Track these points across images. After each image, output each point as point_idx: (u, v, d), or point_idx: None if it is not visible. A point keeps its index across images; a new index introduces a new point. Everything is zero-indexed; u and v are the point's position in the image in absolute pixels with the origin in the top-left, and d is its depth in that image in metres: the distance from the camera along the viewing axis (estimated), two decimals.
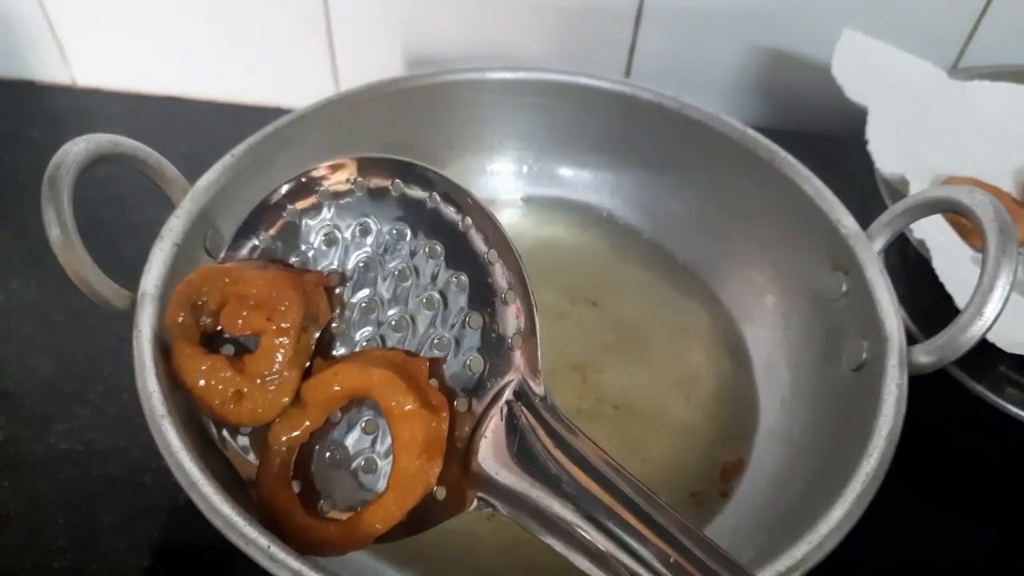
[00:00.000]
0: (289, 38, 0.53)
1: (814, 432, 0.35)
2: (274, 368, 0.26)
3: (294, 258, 0.29)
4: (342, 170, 0.28)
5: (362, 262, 0.28)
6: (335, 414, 0.27)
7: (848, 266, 0.34)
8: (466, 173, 0.45)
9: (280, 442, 0.27)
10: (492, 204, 0.45)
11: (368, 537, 0.25)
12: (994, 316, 0.28)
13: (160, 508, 0.36)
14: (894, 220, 0.33)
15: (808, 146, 0.40)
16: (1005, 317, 0.28)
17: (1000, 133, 0.46)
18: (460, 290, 0.27)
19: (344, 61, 0.54)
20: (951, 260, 0.38)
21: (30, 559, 0.34)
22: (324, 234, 0.29)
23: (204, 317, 0.28)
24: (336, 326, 0.28)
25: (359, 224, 0.28)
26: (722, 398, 0.39)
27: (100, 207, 0.48)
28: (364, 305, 0.28)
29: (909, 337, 0.32)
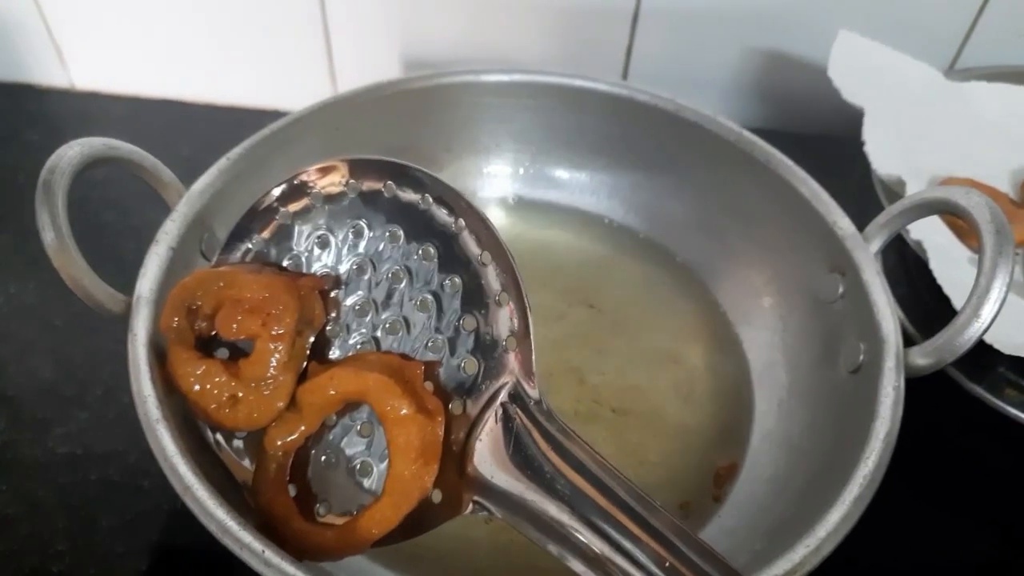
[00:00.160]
0: (287, 41, 0.53)
1: (811, 434, 0.35)
2: (269, 372, 0.26)
3: (287, 261, 0.29)
4: (334, 172, 0.28)
5: (355, 265, 0.28)
6: (330, 418, 0.27)
7: (845, 268, 0.34)
8: (463, 175, 0.45)
9: (276, 447, 0.27)
10: (489, 206, 0.46)
11: (365, 542, 0.25)
12: (991, 317, 0.28)
13: (159, 512, 0.36)
14: (891, 221, 0.33)
15: (805, 147, 0.40)
16: (1003, 318, 0.28)
17: (997, 134, 0.46)
18: (454, 292, 0.27)
19: (341, 64, 0.54)
20: (948, 261, 0.38)
21: (29, 563, 0.34)
22: (317, 237, 0.29)
23: (199, 321, 0.28)
24: (331, 329, 0.28)
25: (352, 227, 0.28)
26: (720, 400, 0.39)
27: (100, 210, 0.48)
28: (358, 308, 0.28)
29: (908, 339, 0.32)
